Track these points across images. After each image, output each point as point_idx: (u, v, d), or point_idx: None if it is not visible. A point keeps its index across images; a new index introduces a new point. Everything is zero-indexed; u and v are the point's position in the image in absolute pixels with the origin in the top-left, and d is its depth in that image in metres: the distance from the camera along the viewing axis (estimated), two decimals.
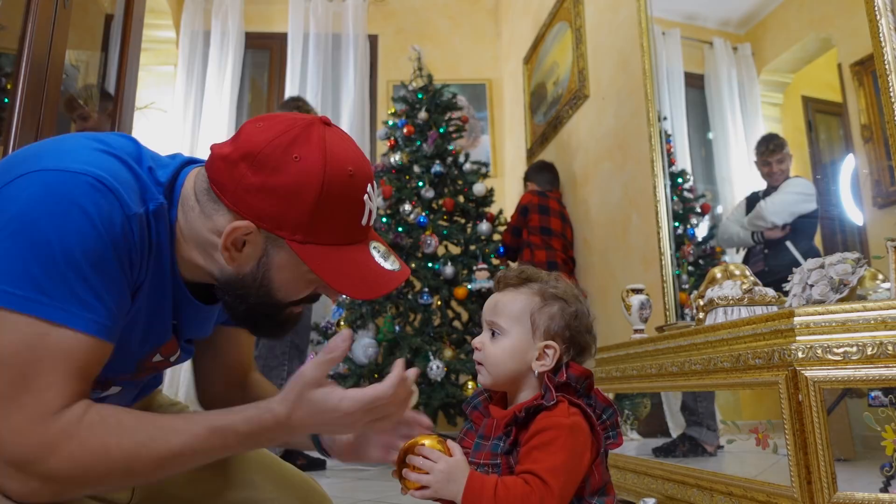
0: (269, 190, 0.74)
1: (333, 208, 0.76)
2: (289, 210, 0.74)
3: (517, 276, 0.93)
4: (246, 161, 0.74)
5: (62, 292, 0.67)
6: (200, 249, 0.80)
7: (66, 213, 0.68)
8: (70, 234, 0.67)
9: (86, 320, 0.68)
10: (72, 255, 0.67)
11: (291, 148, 0.75)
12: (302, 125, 0.77)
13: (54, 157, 0.72)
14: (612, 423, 0.87)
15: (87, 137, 0.78)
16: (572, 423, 0.81)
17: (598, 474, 0.85)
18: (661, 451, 1.77)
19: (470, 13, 5.22)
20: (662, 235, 2.48)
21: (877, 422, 1.07)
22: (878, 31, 1.54)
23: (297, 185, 0.74)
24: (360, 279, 0.79)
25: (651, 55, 2.64)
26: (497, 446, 0.85)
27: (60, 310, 0.67)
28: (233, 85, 4.58)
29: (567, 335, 0.88)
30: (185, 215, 0.80)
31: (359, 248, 0.80)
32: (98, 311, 0.69)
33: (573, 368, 0.87)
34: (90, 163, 0.72)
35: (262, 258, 0.78)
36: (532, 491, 0.76)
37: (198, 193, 0.79)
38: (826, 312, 1.15)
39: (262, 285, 0.79)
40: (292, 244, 0.76)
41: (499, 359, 0.89)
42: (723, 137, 2.40)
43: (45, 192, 0.68)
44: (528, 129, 4.36)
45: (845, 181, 1.83)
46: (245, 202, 0.75)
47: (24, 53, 1.44)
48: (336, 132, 0.80)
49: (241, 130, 0.78)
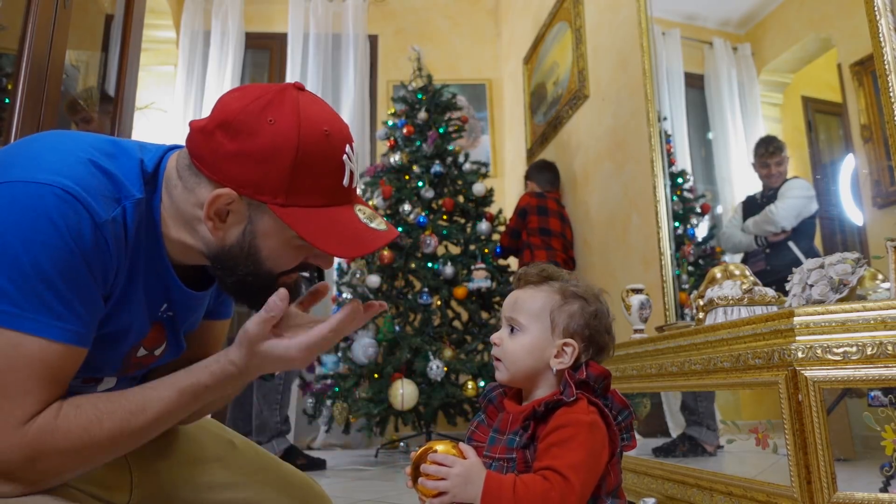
0: (247, 155, 0.74)
1: (312, 168, 0.76)
2: (267, 173, 0.74)
3: (538, 273, 0.93)
4: (222, 129, 0.75)
5: (33, 304, 0.68)
6: (186, 227, 0.81)
7: (35, 225, 0.68)
8: (38, 247, 0.68)
9: (57, 329, 0.69)
10: (41, 267, 0.68)
11: (265, 112, 0.75)
12: (275, 90, 0.78)
13: (23, 167, 0.72)
14: (627, 425, 0.87)
15: (58, 141, 0.78)
16: (591, 421, 0.81)
17: (614, 475, 0.85)
18: (661, 451, 1.77)
19: (470, 13, 5.22)
20: (662, 235, 2.48)
21: (876, 422, 1.07)
22: (878, 31, 1.54)
23: (273, 147, 0.74)
24: (346, 237, 0.78)
25: (651, 55, 2.64)
26: (513, 441, 0.84)
27: (32, 321, 0.68)
28: (233, 85, 4.58)
29: (587, 334, 0.89)
30: (169, 195, 0.81)
31: (343, 209, 0.80)
32: (69, 320, 0.70)
33: (592, 368, 0.87)
34: (58, 172, 0.72)
35: (246, 226, 0.78)
36: (552, 487, 0.75)
37: (180, 171, 0.80)
38: (826, 312, 1.15)
39: (250, 254, 0.79)
40: (274, 208, 0.76)
41: (517, 355, 0.89)
42: (723, 137, 2.40)
43: (13, 206, 0.69)
44: (528, 129, 4.37)
45: (845, 181, 1.83)
46: (224, 170, 0.75)
47: (24, 53, 1.44)
48: (309, 96, 0.81)
49: (217, 102, 0.79)
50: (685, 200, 2.52)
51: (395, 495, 2.23)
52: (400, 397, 3.09)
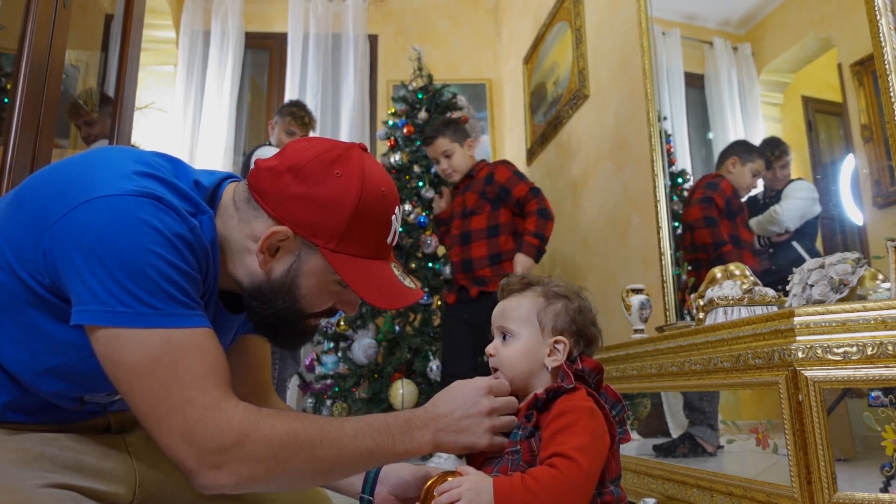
0: (311, 199, 0.80)
1: (366, 222, 0.82)
2: (326, 219, 0.81)
3: (519, 281, 0.98)
4: (291, 172, 0.81)
5: (161, 300, 0.72)
6: (234, 255, 0.85)
7: (140, 231, 0.72)
8: (150, 248, 0.72)
9: (192, 316, 0.74)
10: (159, 267, 0.72)
11: (334, 165, 0.81)
12: (343, 147, 0.85)
13: (108, 182, 0.75)
14: (621, 419, 0.90)
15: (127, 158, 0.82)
16: (591, 407, 0.85)
17: (615, 463, 0.88)
18: (661, 451, 1.77)
19: (470, 13, 5.22)
20: (662, 235, 2.48)
21: (877, 422, 1.07)
22: (878, 31, 1.54)
23: (337, 198, 0.80)
24: (384, 290, 0.85)
25: (651, 55, 2.64)
26: (516, 434, 0.88)
27: (169, 315, 0.72)
28: (233, 85, 4.58)
29: (574, 329, 0.93)
30: (222, 223, 0.86)
31: (382, 264, 0.87)
32: (195, 307, 0.75)
33: (586, 361, 0.91)
34: (142, 185, 0.76)
35: (293, 264, 0.83)
36: (560, 472, 0.78)
37: (237, 202, 0.85)
38: (826, 312, 1.15)
39: (290, 291, 0.84)
40: (325, 252, 0.81)
41: (513, 360, 0.93)
42: (723, 137, 2.39)
43: (114, 216, 0.72)
44: (528, 129, 4.37)
45: (845, 181, 1.83)
46: (285, 209, 0.81)
47: (24, 53, 1.44)
48: (371, 157, 0.88)
49: (286, 148, 0.86)
50: (685, 200, 2.52)
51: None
52: (400, 397, 3.10)
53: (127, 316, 0.70)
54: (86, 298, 0.70)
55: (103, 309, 0.70)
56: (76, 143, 1.90)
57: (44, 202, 0.74)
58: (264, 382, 1.08)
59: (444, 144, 2.95)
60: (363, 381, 3.31)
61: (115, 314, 0.70)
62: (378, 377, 3.28)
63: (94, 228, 0.71)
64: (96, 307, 0.70)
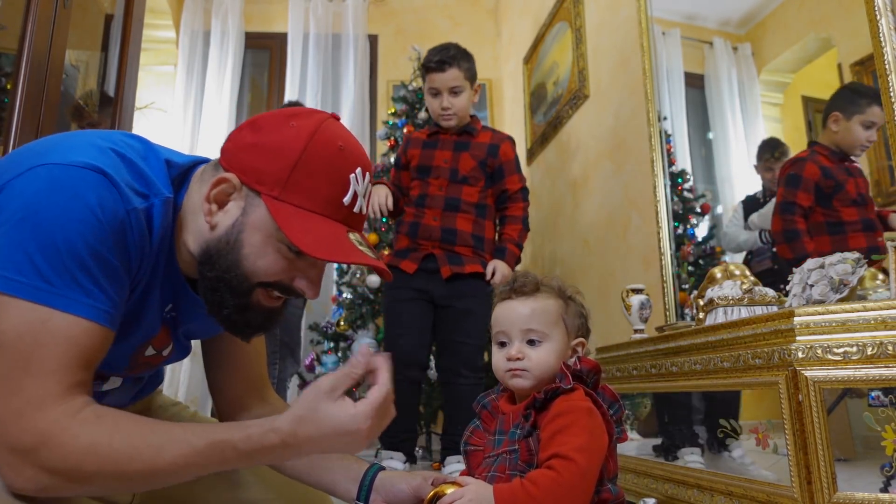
0: (259, 146, 0.79)
1: (313, 171, 0.78)
2: (271, 164, 0.78)
3: (532, 282, 0.97)
4: (250, 126, 0.81)
5: (64, 280, 0.69)
6: (194, 220, 0.82)
7: (70, 205, 0.70)
8: (73, 225, 0.69)
9: (87, 306, 0.70)
10: (74, 245, 0.69)
11: (292, 118, 0.80)
12: (310, 110, 0.83)
13: (60, 152, 0.74)
14: (618, 418, 0.90)
15: (93, 135, 0.80)
16: (589, 407, 0.85)
17: (613, 462, 0.89)
18: (661, 451, 1.77)
19: (470, 13, 5.21)
20: (662, 235, 2.48)
21: (877, 422, 1.07)
22: (878, 31, 1.54)
23: (284, 143, 0.78)
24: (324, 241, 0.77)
25: (651, 55, 2.64)
26: (514, 434, 0.88)
27: (62, 297, 0.69)
28: (233, 85, 4.58)
29: (586, 328, 0.96)
30: (189, 197, 0.84)
31: (334, 224, 0.80)
32: (98, 298, 0.71)
33: (585, 362, 0.91)
34: (95, 158, 0.74)
35: (239, 216, 0.79)
36: (559, 475, 0.79)
37: (205, 172, 0.84)
38: (826, 312, 1.15)
39: (234, 247, 0.79)
40: (266, 199, 0.77)
41: (548, 363, 0.92)
42: (723, 137, 2.40)
43: (50, 185, 0.70)
44: (528, 129, 4.36)
45: None
46: (237, 158, 0.80)
47: (24, 53, 1.44)
48: (341, 126, 0.84)
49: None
50: (685, 200, 2.52)
51: None
52: None
53: (19, 285, 0.67)
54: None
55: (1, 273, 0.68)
56: None
57: (2, 169, 0.74)
58: (257, 378, 1.05)
59: (456, 77, 2.45)
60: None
61: (8, 280, 0.67)
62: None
63: (27, 193, 0.70)
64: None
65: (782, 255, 1.91)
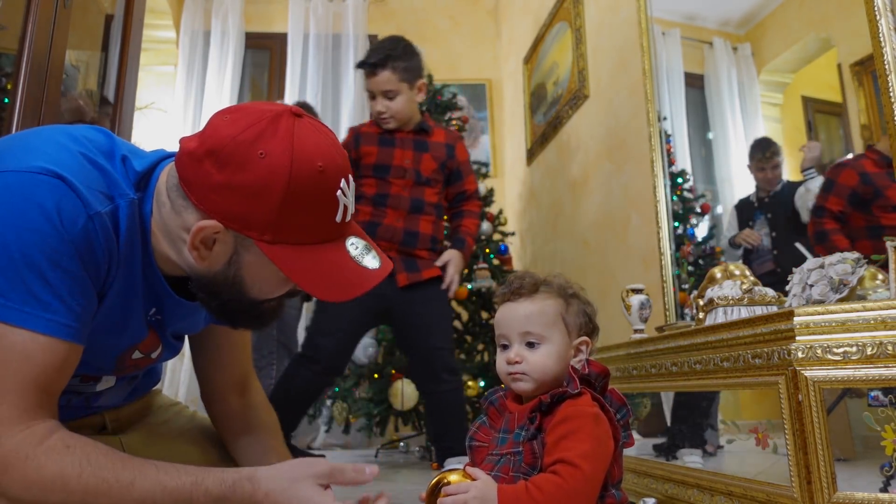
0: (234, 188, 0.71)
1: (302, 206, 0.72)
2: (255, 209, 0.71)
3: (531, 283, 0.95)
4: (210, 158, 0.71)
5: (19, 293, 0.65)
6: (173, 245, 0.78)
7: (26, 213, 0.66)
8: (29, 234, 0.65)
9: (44, 321, 0.66)
10: (30, 255, 0.65)
11: (257, 143, 0.71)
12: (269, 118, 0.73)
13: (18, 157, 0.70)
14: (625, 423, 0.90)
15: (55, 131, 0.76)
16: (596, 412, 0.84)
17: (618, 467, 0.88)
18: (661, 451, 1.77)
19: (470, 13, 5.22)
20: (662, 235, 2.48)
21: (877, 422, 1.07)
22: (878, 31, 1.54)
23: (263, 183, 0.70)
24: (333, 280, 0.75)
25: (651, 55, 2.64)
26: (519, 435, 0.87)
27: (17, 311, 0.65)
28: (233, 85, 4.58)
29: (591, 327, 0.94)
30: (158, 210, 0.78)
31: (333, 247, 0.77)
32: (58, 312, 0.67)
33: (594, 366, 0.91)
34: (54, 161, 0.70)
35: (232, 256, 0.75)
36: (563, 481, 0.78)
37: (169, 189, 0.77)
38: (826, 312, 1.15)
39: (234, 283, 0.77)
40: (261, 245, 0.73)
41: (547, 366, 0.90)
42: (723, 137, 2.40)
43: (5, 193, 0.67)
44: (528, 129, 4.37)
45: None
46: (211, 200, 0.72)
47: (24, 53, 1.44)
48: (307, 124, 0.76)
49: (209, 123, 0.76)
50: (685, 200, 2.52)
51: (395, 495, 2.23)
52: (400, 397, 3.09)
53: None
54: None
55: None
56: None
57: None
58: (242, 370, 1.03)
59: (389, 81, 2.31)
60: (363, 381, 3.31)
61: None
62: (378, 377, 3.28)
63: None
64: None
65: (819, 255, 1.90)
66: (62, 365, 0.68)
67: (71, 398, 0.86)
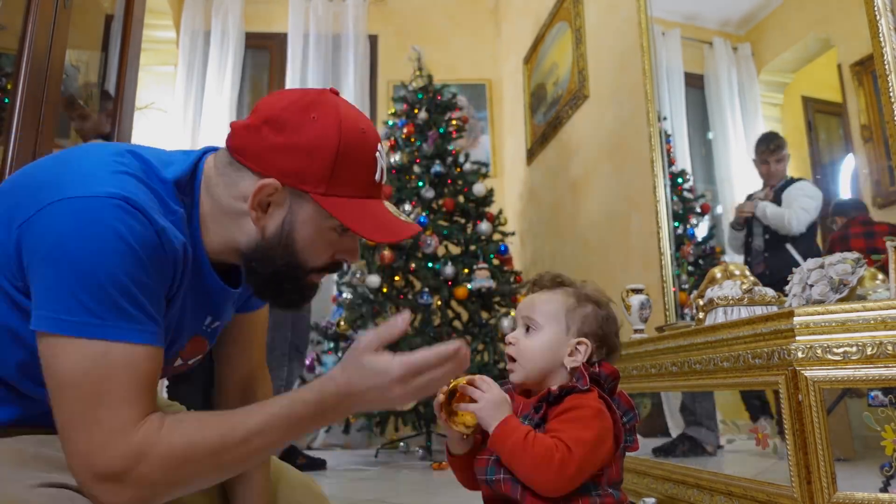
0: (292, 147, 0.79)
1: (351, 162, 0.81)
2: (311, 165, 0.79)
3: (552, 279, 0.99)
4: (268, 125, 0.80)
5: (112, 312, 0.70)
6: (227, 222, 0.84)
7: (102, 238, 0.71)
8: (109, 257, 0.71)
9: (139, 332, 0.72)
10: (115, 277, 0.71)
11: (309, 109, 0.81)
12: (315, 92, 0.84)
13: (77, 183, 0.74)
14: (632, 427, 0.91)
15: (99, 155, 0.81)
16: (600, 408, 0.86)
17: (617, 468, 0.89)
18: (661, 451, 1.77)
19: (470, 13, 5.22)
20: (662, 235, 2.48)
21: (876, 422, 1.07)
22: (878, 31, 1.54)
23: (318, 141, 0.79)
24: (380, 225, 0.84)
25: (651, 55, 2.64)
26: (523, 422, 0.88)
27: (114, 328, 0.71)
28: (233, 85, 4.58)
29: (600, 335, 0.95)
30: (209, 196, 0.84)
31: (375, 202, 0.86)
32: (145, 322, 0.73)
33: (605, 367, 0.93)
34: (113, 184, 0.75)
35: (286, 216, 0.82)
36: (557, 448, 0.81)
37: (220, 168, 0.84)
38: (826, 312, 1.15)
39: (287, 244, 0.83)
40: (316, 197, 0.80)
41: (533, 352, 0.94)
42: (723, 137, 2.40)
43: (78, 220, 0.71)
44: (528, 129, 4.37)
45: (845, 181, 1.83)
46: (269, 161, 0.80)
47: (24, 53, 1.44)
48: (345, 100, 0.86)
49: (259, 104, 0.84)
50: (685, 200, 2.52)
51: (395, 495, 2.23)
52: None
53: (71, 325, 0.69)
54: (39, 302, 0.70)
55: (51, 315, 0.69)
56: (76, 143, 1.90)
57: (17, 201, 0.74)
58: (257, 360, 1.10)
59: None
60: None
61: (61, 322, 0.69)
62: None
63: (55, 231, 0.70)
64: (45, 313, 0.70)
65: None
66: (158, 367, 0.76)
67: None
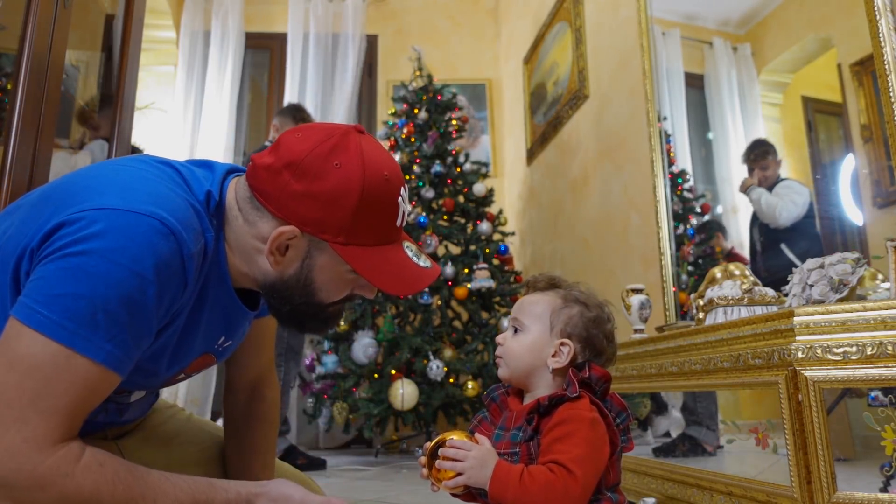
0: (313, 196, 0.79)
1: (372, 211, 0.81)
2: (332, 214, 0.79)
3: (546, 281, 1.01)
4: (289, 170, 0.79)
5: (89, 327, 0.69)
6: (245, 256, 0.85)
7: (118, 264, 0.69)
8: (112, 287, 0.69)
9: (107, 354, 0.70)
10: (108, 302, 0.69)
11: (332, 156, 0.79)
12: (339, 134, 0.82)
13: (118, 195, 0.74)
14: (625, 427, 0.91)
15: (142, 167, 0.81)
16: (593, 417, 0.86)
17: (614, 472, 0.89)
18: (661, 451, 1.77)
19: (470, 13, 5.21)
20: (662, 235, 2.48)
21: (876, 422, 1.07)
22: (878, 31, 1.54)
23: (340, 191, 0.79)
24: (398, 276, 0.84)
25: (651, 55, 2.64)
26: (517, 436, 0.88)
27: (85, 340, 0.68)
28: (233, 85, 4.58)
29: (584, 336, 0.94)
30: (229, 226, 0.85)
31: (394, 248, 0.86)
32: (117, 348, 0.71)
33: (595, 369, 0.92)
34: (154, 202, 0.74)
35: (304, 260, 0.83)
36: (556, 478, 0.80)
37: (240, 203, 0.84)
38: (826, 312, 1.15)
39: (305, 286, 0.84)
40: (335, 246, 0.80)
41: (517, 353, 0.95)
42: (723, 137, 2.40)
43: (107, 233, 0.70)
44: (528, 129, 4.37)
45: (845, 181, 1.83)
46: (289, 208, 0.80)
47: (24, 53, 1.44)
48: (369, 139, 0.85)
49: (281, 140, 0.83)
50: (685, 200, 2.52)
51: (395, 495, 2.23)
52: (400, 397, 3.09)
53: (47, 322, 0.67)
54: (28, 290, 0.69)
55: (32, 307, 0.67)
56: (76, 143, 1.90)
57: (56, 204, 0.73)
58: (266, 363, 1.11)
59: None
60: (363, 381, 3.31)
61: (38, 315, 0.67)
62: (378, 377, 3.28)
63: (82, 238, 0.69)
64: (28, 302, 0.68)
65: None
66: (106, 392, 0.73)
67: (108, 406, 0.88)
